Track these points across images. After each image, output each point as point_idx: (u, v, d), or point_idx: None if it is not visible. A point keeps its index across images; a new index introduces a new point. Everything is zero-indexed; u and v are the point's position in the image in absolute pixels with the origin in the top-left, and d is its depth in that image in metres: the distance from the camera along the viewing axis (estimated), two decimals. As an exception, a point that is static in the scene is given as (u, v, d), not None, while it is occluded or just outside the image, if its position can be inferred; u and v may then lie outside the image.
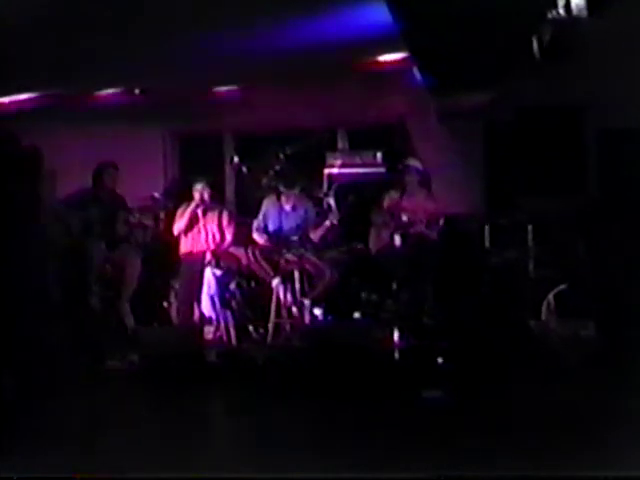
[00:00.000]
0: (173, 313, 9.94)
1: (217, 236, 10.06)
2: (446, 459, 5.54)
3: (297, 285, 9.51)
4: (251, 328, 9.58)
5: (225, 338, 9.44)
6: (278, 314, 9.47)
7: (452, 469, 5.33)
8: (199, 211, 10.01)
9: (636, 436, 5.65)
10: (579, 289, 9.09)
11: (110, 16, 6.99)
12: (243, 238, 10.10)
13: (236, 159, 10.67)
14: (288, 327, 9.39)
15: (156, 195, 10.55)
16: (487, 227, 10.30)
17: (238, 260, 9.95)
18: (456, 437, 6.08)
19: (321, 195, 10.28)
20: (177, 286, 9.95)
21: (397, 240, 9.95)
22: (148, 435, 6.50)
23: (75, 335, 9.21)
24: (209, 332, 9.33)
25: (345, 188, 10.45)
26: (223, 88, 10.78)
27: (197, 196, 9.98)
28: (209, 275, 9.59)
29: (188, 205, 10.05)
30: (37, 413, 7.05)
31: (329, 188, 10.37)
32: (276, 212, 9.91)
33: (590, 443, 5.68)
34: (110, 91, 10.32)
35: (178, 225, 10.05)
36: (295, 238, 9.69)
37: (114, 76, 9.47)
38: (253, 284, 9.85)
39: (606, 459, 5.31)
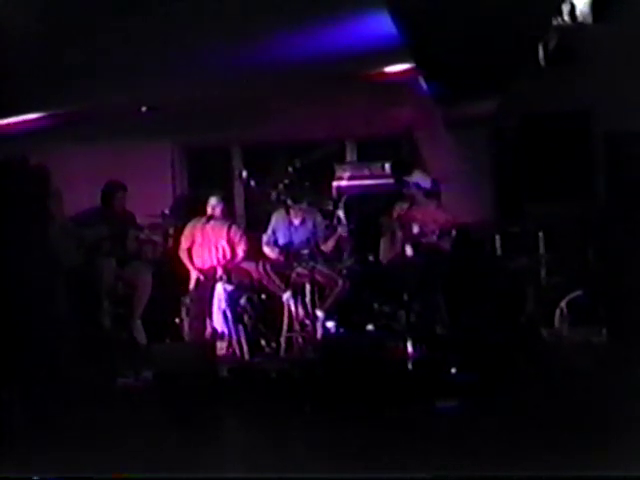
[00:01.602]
0: (185, 329, 9.92)
1: (228, 251, 10.05)
2: (457, 471, 5.53)
3: (308, 298, 9.50)
4: (263, 342, 9.57)
5: (237, 353, 9.43)
6: (290, 328, 9.46)
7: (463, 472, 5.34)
8: (209, 226, 10.01)
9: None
10: (592, 296, 9.05)
11: (117, 32, 6.99)
12: (253, 252, 10.10)
13: (245, 173, 10.66)
14: (300, 340, 9.38)
15: (165, 211, 10.55)
16: (498, 235, 10.28)
17: (249, 275, 9.95)
18: (469, 448, 6.06)
19: (330, 207, 10.27)
20: (188, 302, 9.93)
21: (408, 250, 9.92)
22: (162, 450, 6.49)
23: (87, 353, 9.20)
24: (221, 347, 9.33)
25: (354, 200, 10.45)
26: (231, 101, 10.78)
27: (209, 211, 9.98)
28: (220, 290, 9.58)
29: (198, 220, 10.05)
30: (51, 431, 7.05)
31: (338, 200, 10.37)
32: (285, 226, 9.91)
33: (602, 453, 5.65)
34: (117, 107, 10.32)
35: (188, 241, 10.05)
36: (305, 251, 9.68)
37: (121, 92, 9.47)
38: (264, 298, 9.83)
39: (620, 465, 5.29)
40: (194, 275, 9.99)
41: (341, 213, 10.02)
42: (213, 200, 10.02)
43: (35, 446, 6.64)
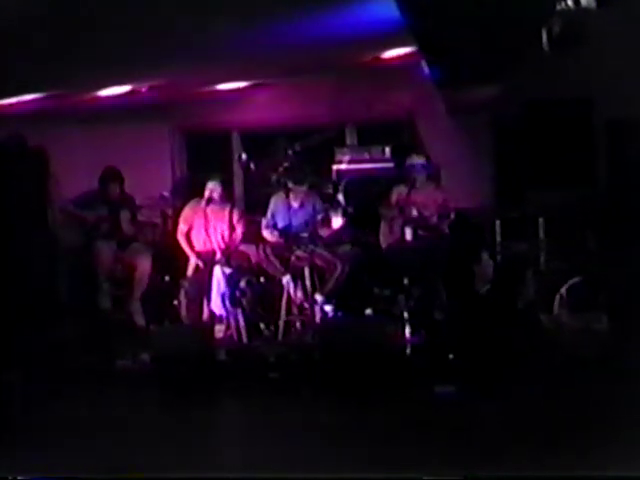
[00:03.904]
0: (184, 312, 9.89)
1: (226, 234, 10.01)
2: (455, 457, 5.53)
3: (308, 282, 9.47)
4: (262, 326, 9.54)
5: (236, 336, 9.40)
6: (289, 311, 9.43)
7: (460, 468, 5.32)
8: (208, 209, 9.96)
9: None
10: (591, 282, 9.04)
11: (114, 13, 6.96)
12: (252, 235, 10.06)
13: (244, 156, 10.63)
14: (299, 324, 9.37)
15: (165, 193, 10.52)
16: (498, 221, 10.27)
17: (248, 258, 9.91)
18: (467, 434, 6.06)
19: (330, 191, 10.24)
20: (187, 284, 9.90)
21: (408, 235, 9.88)
22: (159, 434, 6.49)
23: (86, 334, 9.20)
24: (220, 330, 9.30)
25: (354, 183, 10.43)
26: (231, 84, 10.76)
27: (207, 194, 9.92)
28: (219, 273, 9.54)
29: (197, 203, 10.01)
30: (49, 413, 7.05)
31: (338, 184, 10.34)
32: (284, 209, 9.84)
33: (602, 440, 5.64)
34: (117, 89, 10.29)
35: (187, 223, 10.01)
36: (305, 234, 9.63)
37: (120, 74, 9.44)
38: (263, 281, 9.80)
39: (619, 457, 5.27)
40: (193, 258, 9.96)
41: (340, 197, 9.99)
42: (211, 184, 9.94)
43: (32, 428, 6.64)
